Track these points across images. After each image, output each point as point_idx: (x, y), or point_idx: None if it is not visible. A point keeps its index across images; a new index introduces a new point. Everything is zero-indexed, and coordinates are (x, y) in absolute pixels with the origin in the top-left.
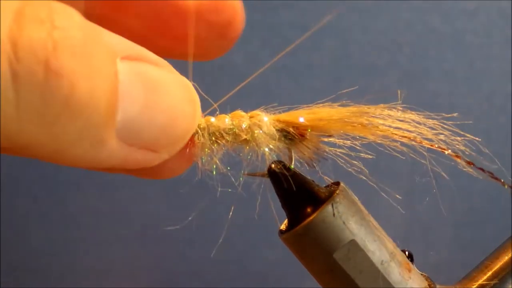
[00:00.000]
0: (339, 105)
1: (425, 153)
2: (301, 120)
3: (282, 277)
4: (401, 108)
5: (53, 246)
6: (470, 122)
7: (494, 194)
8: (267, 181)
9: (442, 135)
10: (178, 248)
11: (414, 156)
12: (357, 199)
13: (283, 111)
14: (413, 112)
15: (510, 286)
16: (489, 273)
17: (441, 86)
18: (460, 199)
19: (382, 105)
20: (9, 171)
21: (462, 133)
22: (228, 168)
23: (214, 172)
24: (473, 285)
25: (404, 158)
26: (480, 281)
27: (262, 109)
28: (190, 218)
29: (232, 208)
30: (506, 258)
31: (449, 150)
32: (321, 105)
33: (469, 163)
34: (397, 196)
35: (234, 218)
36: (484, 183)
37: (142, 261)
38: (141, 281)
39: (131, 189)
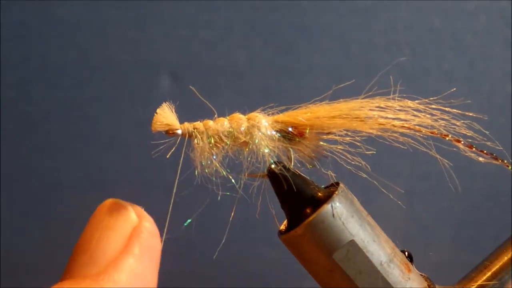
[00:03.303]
0: (337, 103)
1: (425, 143)
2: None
3: (282, 277)
4: (398, 98)
5: (53, 246)
6: (469, 121)
7: (494, 194)
8: (267, 181)
9: (442, 121)
10: (178, 248)
11: (416, 146)
12: (357, 199)
13: (281, 111)
14: (411, 101)
15: (510, 287)
16: (489, 274)
17: (441, 86)
18: (460, 199)
19: (379, 97)
20: (9, 171)
21: (461, 112)
22: (228, 170)
23: (214, 178)
24: (472, 285)
25: (405, 148)
26: (480, 282)
27: (260, 110)
28: (186, 223)
29: (234, 208)
30: (505, 258)
31: (450, 135)
32: (319, 103)
33: (470, 146)
34: (399, 189)
35: (234, 218)
36: (484, 183)
37: None
38: None
39: (131, 189)
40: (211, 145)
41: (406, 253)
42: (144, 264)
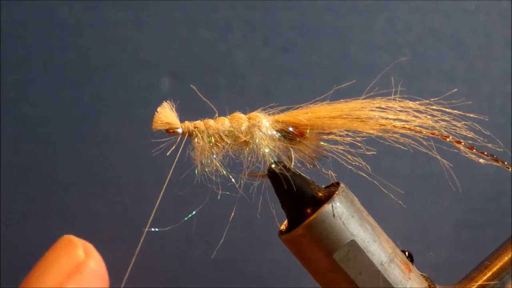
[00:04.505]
0: (337, 103)
1: (425, 144)
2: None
3: (282, 277)
4: (399, 98)
5: None
6: (469, 122)
7: (494, 194)
8: (268, 181)
9: (443, 122)
10: (178, 248)
11: (416, 147)
12: (357, 199)
13: (282, 111)
14: (412, 102)
15: (510, 287)
16: (489, 274)
17: (441, 86)
18: (460, 199)
19: (380, 98)
20: (9, 171)
21: (462, 113)
22: (228, 170)
23: (214, 177)
24: (473, 285)
25: (406, 148)
26: (480, 282)
27: (260, 110)
28: (186, 218)
29: (234, 208)
30: (506, 258)
31: (451, 137)
32: (320, 103)
33: (470, 148)
34: (399, 190)
35: (234, 218)
36: (484, 183)
37: (142, 261)
38: (141, 281)
39: (131, 189)
40: (211, 144)
41: (407, 253)
42: None
